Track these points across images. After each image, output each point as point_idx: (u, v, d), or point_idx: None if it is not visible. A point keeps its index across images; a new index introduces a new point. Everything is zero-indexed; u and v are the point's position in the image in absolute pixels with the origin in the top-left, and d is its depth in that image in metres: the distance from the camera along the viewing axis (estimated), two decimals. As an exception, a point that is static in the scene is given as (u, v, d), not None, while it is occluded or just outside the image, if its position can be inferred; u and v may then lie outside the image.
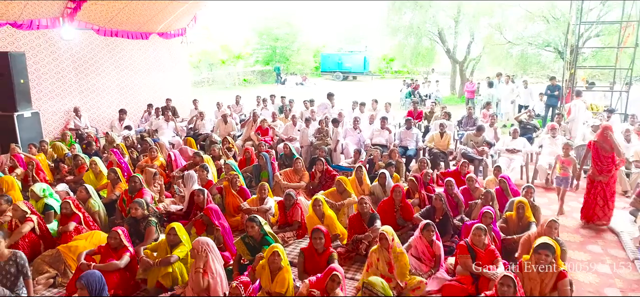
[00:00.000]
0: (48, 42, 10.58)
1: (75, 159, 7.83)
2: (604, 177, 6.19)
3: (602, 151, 6.19)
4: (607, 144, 6.12)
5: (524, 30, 16.81)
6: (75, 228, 5.34)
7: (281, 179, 7.30)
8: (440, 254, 4.92)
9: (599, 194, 6.27)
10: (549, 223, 4.71)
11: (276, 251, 4.22)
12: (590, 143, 6.40)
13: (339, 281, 3.90)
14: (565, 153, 7.02)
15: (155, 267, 4.49)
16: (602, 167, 6.21)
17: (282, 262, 4.21)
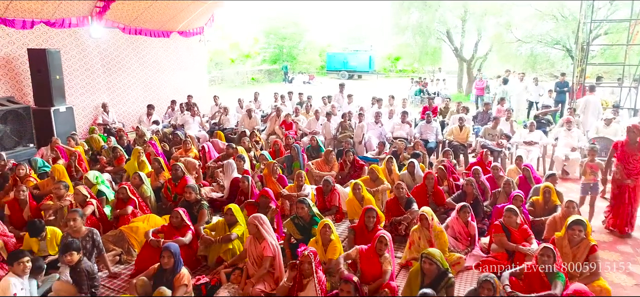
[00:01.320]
0: (77, 40, 10.95)
1: (114, 151, 8.21)
2: (632, 181, 5.79)
3: (629, 152, 5.80)
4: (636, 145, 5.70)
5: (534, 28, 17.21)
6: (132, 211, 5.73)
7: (313, 168, 7.69)
8: (475, 234, 5.32)
9: (627, 199, 5.84)
10: (567, 203, 5.17)
11: (327, 225, 4.64)
12: (615, 144, 6.06)
13: (386, 242, 4.31)
14: (591, 158, 6.55)
15: (216, 244, 4.89)
16: (630, 169, 5.80)
17: (332, 236, 4.61)
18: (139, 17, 12.17)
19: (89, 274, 4.24)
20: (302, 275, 3.93)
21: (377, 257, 4.39)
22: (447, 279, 3.87)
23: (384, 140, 9.28)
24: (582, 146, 8.75)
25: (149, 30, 12.97)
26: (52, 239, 4.96)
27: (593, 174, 6.44)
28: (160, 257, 3.95)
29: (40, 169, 7.49)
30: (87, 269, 4.25)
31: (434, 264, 3.82)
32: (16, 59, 9.54)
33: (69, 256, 4.07)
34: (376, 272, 4.36)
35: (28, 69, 9.51)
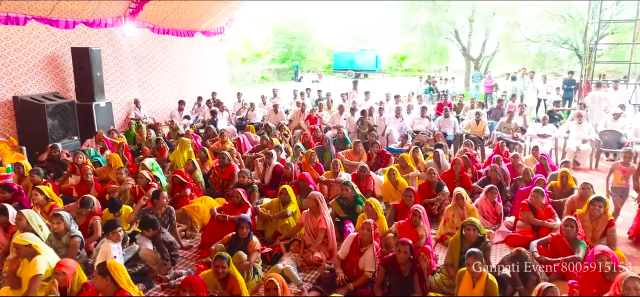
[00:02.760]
0: (112, 40, 11.55)
1: (158, 142, 8.84)
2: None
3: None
4: None
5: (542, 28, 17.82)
6: (190, 194, 6.35)
7: (343, 157, 8.30)
8: (501, 213, 5.93)
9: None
10: (583, 185, 5.76)
11: (372, 204, 5.25)
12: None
13: (420, 214, 4.92)
14: (625, 161, 6.18)
15: (273, 220, 5.50)
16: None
17: (379, 213, 5.23)
18: (167, 17, 12.79)
19: (169, 243, 4.86)
20: (361, 244, 4.53)
21: (414, 228, 4.99)
22: (485, 243, 4.48)
23: (405, 133, 9.88)
24: (592, 139, 9.37)
25: (175, 29, 13.59)
26: (125, 215, 5.57)
27: (625, 179, 6.10)
28: (238, 228, 4.57)
29: (93, 158, 8.09)
30: (166, 239, 4.87)
31: (475, 230, 4.42)
32: (60, 57, 10.15)
33: (150, 231, 4.71)
34: (413, 238, 4.95)
35: (71, 66, 10.11)
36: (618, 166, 6.26)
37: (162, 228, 4.94)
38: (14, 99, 9.09)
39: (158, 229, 4.81)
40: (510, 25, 18.99)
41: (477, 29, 22.01)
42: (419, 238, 4.89)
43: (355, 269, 4.45)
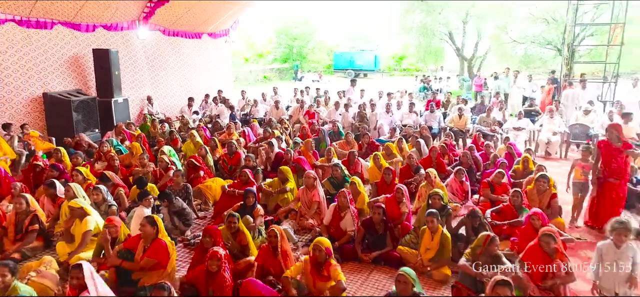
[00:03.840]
0: (127, 41, 12.61)
1: (171, 134, 9.89)
2: (616, 179, 5.91)
3: (612, 152, 5.88)
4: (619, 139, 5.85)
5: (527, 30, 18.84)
6: (204, 176, 7.41)
7: (337, 147, 9.34)
8: (468, 191, 6.98)
9: (608, 197, 5.97)
10: (538, 167, 6.78)
11: (355, 181, 6.30)
12: (599, 142, 6.16)
13: (402, 192, 5.94)
14: (584, 158, 6.48)
15: (274, 194, 6.57)
16: (613, 168, 5.90)
17: (360, 188, 6.28)
18: (177, 20, 13.86)
19: (180, 211, 5.91)
20: (340, 209, 5.58)
21: (397, 203, 6.02)
22: (446, 209, 5.52)
23: (394, 126, 10.92)
24: (562, 131, 10.40)
25: (184, 32, 14.65)
26: (150, 191, 6.62)
27: (584, 174, 6.42)
28: (246, 198, 5.65)
29: (115, 147, 9.15)
30: (177, 208, 5.92)
31: (440, 199, 5.47)
32: (82, 57, 11.23)
33: (165, 202, 5.79)
34: (396, 214, 5.99)
35: (92, 66, 11.18)
36: (578, 163, 6.55)
37: (175, 198, 5.97)
38: (44, 95, 10.19)
39: (171, 201, 5.86)
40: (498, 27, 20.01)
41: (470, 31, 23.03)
42: (401, 214, 5.92)
43: (339, 230, 5.50)
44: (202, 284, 3.98)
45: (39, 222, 5.34)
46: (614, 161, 5.88)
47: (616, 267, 3.71)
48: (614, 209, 5.90)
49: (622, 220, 3.84)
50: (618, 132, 5.91)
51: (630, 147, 5.92)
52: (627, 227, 3.74)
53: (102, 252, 4.71)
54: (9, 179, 6.72)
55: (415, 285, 3.64)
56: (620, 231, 3.73)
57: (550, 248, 4.31)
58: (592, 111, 10.96)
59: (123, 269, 4.38)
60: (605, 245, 3.83)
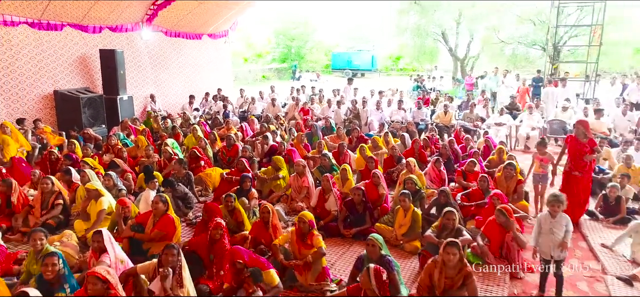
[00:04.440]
0: (131, 42, 13.29)
1: (174, 129, 10.58)
2: (579, 173, 6.16)
3: (578, 146, 6.12)
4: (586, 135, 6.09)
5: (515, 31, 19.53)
6: (204, 165, 8.09)
7: (328, 141, 10.02)
8: (445, 178, 7.65)
9: (573, 190, 6.18)
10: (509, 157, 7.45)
11: (345, 168, 6.98)
12: (567, 138, 6.44)
13: (378, 176, 6.63)
14: (540, 151, 6.86)
15: (268, 181, 7.25)
16: (578, 162, 6.14)
17: (348, 175, 6.97)
18: (179, 22, 14.54)
19: (182, 196, 6.60)
20: (325, 192, 6.27)
21: (375, 186, 6.71)
22: (420, 193, 6.21)
23: (383, 122, 11.61)
24: (540, 126, 11.08)
25: (185, 33, 15.33)
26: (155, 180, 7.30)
27: (542, 167, 6.78)
28: (242, 182, 6.33)
29: (122, 141, 9.82)
30: (183, 191, 6.60)
31: (414, 183, 6.16)
32: (89, 57, 11.91)
33: (169, 189, 6.47)
34: (376, 197, 6.66)
35: (99, 65, 11.86)
36: (536, 156, 6.87)
37: (178, 185, 6.65)
38: (55, 92, 10.87)
39: (174, 187, 6.54)
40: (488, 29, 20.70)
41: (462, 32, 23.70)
42: (380, 196, 6.60)
43: (324, 211, 6.18)
44: (203, 250, 4.66)
45: (63, 199, 6.03)
46: (580, 156, 6.09)
47: (551, 234, 4.36)
48: (576, 200, 6.15)
49: (556, 194, 4.49)
50: (584, 128, 6.12)
51: (595, 144, 6.18)
52: (559, 199, 4.40)
53: (115, 228, 5.39)
54: (28, 168, 7.40)
55: (383, 248, 4.32)
56: (554, 203, 4.39)
57: (502, 221, 5.01)
58: (569, 108, 11.66)
59: (135, 241, 5.06)
60: (543, 216, 4.47)
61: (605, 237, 5.90)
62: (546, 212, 4.45)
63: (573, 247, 5.60)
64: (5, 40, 9.89)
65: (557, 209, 4.35)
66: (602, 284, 4.81)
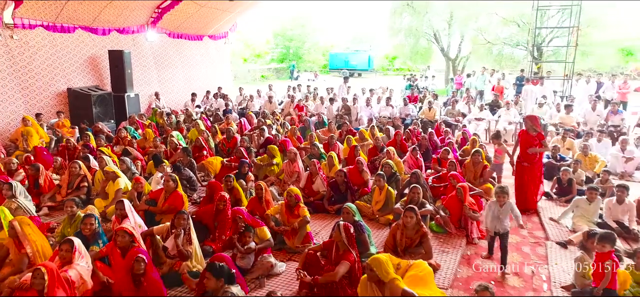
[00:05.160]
0: (137, 43, 14.19)
1: (178, 123, 11.48)
2: (528, 164, 6.73)
3: (527, 139, 6.70)
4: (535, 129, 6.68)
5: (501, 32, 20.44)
6: (206, 155, 9.00)
7: (319, 133, 10.93)
8: (421, 165, 8.54)
9: (523, 179, 6.77)
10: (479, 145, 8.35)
11: (331, 155, 7.89)
12: (520, 131, 6.99)
13: (361, 162, 7.53)
14: (496, 143, 7.77)
15: (264, 167, 8.15)
16: (526, 154, 6.71)
17: (335, 162, 7.87)
18: (181, 24, 15.44)
19: (187, 179, 7.50)
20: (312, 176, 7.17)
21: (359, 172, 7.60)
22: (396, 176, 7.11)
23: (372, 117, 12.51)
24: (516, 121, 11.98)
25: (187, 34, 16.24)
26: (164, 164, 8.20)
27: (497, 157, 7.84)
28: (241, 166, 7.23)
29: (131, 134, 10.72)
30: (188, 175, 7.50)
31: (390, 168, 7.06)
32: (98, 57, 12.81)
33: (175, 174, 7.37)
34: (360, 181, 7.54)
35: (107, 65, 12.75)
36: (495, 148, 7.87)
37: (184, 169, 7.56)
38: (68, 90, 11.77)
39: (180, 171, 7.44)
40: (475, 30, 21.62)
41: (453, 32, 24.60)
42: (363, 180, 7.50)
43: (312, 191, 7.09)
44: (209, 219, 5.56)
45: (87, 181, 6.94)
46: (529, 148, 6.66)
47: (498, 219, 5.04)
48: (526, 188, 6.77)
49: (502, 186, 5.14)
50: (532, 123, 6.76)
51: (543, 137, 6.77)
52: (504, 191, 5.01)
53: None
54: (49, 156, 8.31)
55: (356, 215, 5.22)
56: (499, 194, 5.03)
57: (461, 196, 5.92)
58: (545, 104, 12.57)
59: (149, 213, 5.96)
60: (492, 202, 5.17)
61: (556, 213, 6.78)
62: (494, 200, 5.18)
63: (526, 221, 6.47)
64: (23, 42, 10.78)
65: (502, 199, 5.04)
66: (543, 248, 5.71)
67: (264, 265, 4.83)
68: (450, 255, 5.43)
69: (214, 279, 3.63)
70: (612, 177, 8.31)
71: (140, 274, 3.78)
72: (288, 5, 38.21)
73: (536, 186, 6.87)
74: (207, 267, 3.72)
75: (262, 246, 4.95)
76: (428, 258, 4.83)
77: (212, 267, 3.68)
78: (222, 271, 3.71)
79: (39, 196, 6.93)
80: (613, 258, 4.11)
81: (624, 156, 8.74)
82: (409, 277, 4.34)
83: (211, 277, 3.64)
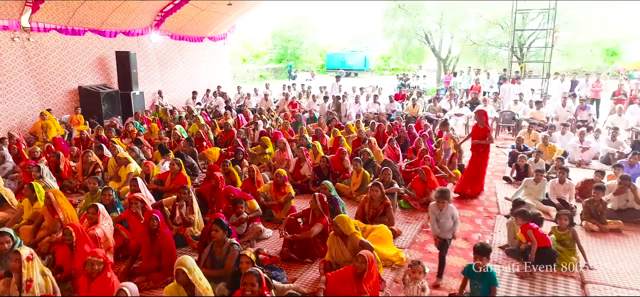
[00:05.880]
0: (141, 45, 15.17)
1: (180, 119, 12.47)
2: (477, 153, 7.50)
3: (477, 131, 7.49)
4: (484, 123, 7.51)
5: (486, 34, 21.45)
6: (206, 146, 10.00)
7: (309, 127, 11.91)
8: (399, 155, 9.54)
9: (472, 167, 7.60)
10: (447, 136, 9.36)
11: (315, 145, 8.88)
12: (474, 125, 7.66)
13: (344, 152, 8.50)
14: (444, 130, 9.05)
15: (257, 156, 9.16)
16: (475, 145, 7.51)
17: (319, 150, 8.87)
18: (182, 27, 16.43)
19: (190, 165, 8.49)
20: (300, 162, 8.16)
21: (340, 160, 8.59)
22: (373, 162, 8.11)
23: (360, 113, 13.51)
24: (493, 117, 12.98)
25: (188, 36, 17.23)
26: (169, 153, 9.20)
27: (445, 143, 8.73)
28: (236, 154, 8.22)
29: (137, 128, 11.71)
30: (190, 162, 8.50)
31: (368, 154, 8.06)
32: (106, 58, 13.80)
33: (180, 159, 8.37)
34: (341, 168, 8.52)
35: (114, 65, 13.73)
36: (444, 135, 8.96)
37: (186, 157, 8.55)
38: (79, 88, 12.77)
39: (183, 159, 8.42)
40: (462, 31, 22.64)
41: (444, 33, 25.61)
42: (344, 168, 8.49)
43: (299, 175, 8.09)
44: (207, 195, 6.56)
45: (100, 166, 7.94)
46: (478, 139, 7.44)
47: (437, 223, 4.86)
48: (474, 174, 7.59)
49: (442, 190, 4.93)
50: (479, 117, 7.56)
51: (489, 131, 7.58)
52: (444, 196, 4.82)
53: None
54: (66, 145, 9.31)
55: (332, 191, 6.21)
56: (438, 198, 4.84)
57: (423, 177, 6.92)
58: (520, 102, 13.57)
59: (157, 192, 6.95)
60: (433, 206, 4.97)
61: (512, 193, 7.78)
62: (434, 203, 4.97)
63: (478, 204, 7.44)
64: (38, 44, 11.78)
65: (441, 204, 4.83)
66: (493, 220, 6.70)
67: (254, 230, 5.82)
68: (412, 225, 6.43)
69: (222, 230, 4.60)
70: (570, 164, 9.36)
71: (155, 229, 4.76)
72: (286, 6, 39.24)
73: (482, 174, 7.72)
74: (215, 221, 4.67)
75: (252, 215, 5.94)
76: (390, 225, 5.84)
77: (219, 221, 4.66)
78: (226, 225, 4.69)
79: (60, 180, 7.91)
80: (531, 226, 5.07)
81: (581, 146, 9.73)
82: (371, 236, 5.36)
83: (219, 229, 4.61)
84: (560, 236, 5.36)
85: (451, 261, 5.35)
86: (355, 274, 4.03)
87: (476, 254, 4.26)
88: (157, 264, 4.76)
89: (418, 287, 4.25)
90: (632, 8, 24.77)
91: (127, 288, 3.54)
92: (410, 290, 4.26)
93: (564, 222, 5.33)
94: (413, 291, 4.24)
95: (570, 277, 4.92)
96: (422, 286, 4.26)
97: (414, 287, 4.25)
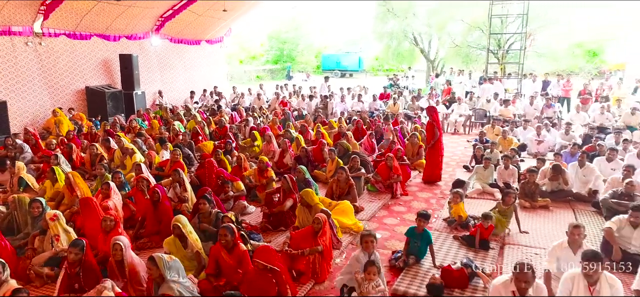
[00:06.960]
0: (142, 48, 16.29)
1: (178, 117, 13.60)
2: (431, 145, 8.64)
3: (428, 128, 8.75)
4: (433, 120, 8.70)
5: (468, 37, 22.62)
6: (202, 139, 11.13)
7: (296, 123, 13.05)
8: (374, 147, 10.68)
9: (431, 158, 8.70)
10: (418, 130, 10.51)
11: (298, 137, 10.02)
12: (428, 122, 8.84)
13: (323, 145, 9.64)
14: (386, 123, 11.58)
15: (247, 148, 10.30)
16: (428, 140, 8.73)
17: (301, 142, 10.01)
18: (181, 31, 17.56)
19: (187, 155, 9.62)
20: (283, 151, 9.29)
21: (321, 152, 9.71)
22: (349, 153, 9.25)
23: (345, 111, 14.65)
24: (466, 114, 14.12)
25: (187, 39, 18.35)
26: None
27: (386, 134, 10.87)
28: (226, 145, 9.35)
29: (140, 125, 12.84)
30: (187, 153, 9.63)
31: (343, 148, 9.19)
32: (110, 60, 14.94)
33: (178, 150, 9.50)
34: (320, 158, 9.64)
35: (118, 66, 14.85)
36: (384, 127, 10.84)
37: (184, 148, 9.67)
38: (86, 88, 13.90)
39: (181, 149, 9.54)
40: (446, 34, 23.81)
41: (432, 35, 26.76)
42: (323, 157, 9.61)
43: (283, 164, 9.23)
44: (201, 177, 7.69)
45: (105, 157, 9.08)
46: (429, 135, 8.66)
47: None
48: (431, 165, 8.74)
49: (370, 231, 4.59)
50: (429, 113, 9.01)
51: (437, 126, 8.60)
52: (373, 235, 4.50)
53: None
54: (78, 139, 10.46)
55: (305, 174, 7.34)
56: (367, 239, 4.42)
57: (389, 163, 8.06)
58: (493, 100, 14.71)
59: (158, 177, 8.08)
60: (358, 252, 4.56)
61: (468, 179, 8.91)
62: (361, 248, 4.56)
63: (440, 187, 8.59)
64: (49, 48, 12.91)
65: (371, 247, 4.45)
66: (445, 199, 7.83)
67: (239, 206, 6.96)
68: (375, 203, 7.56)
69: (207, 203, 5.73)
70: (527, 156, 10.54)
71: (157, 200, 5.89)
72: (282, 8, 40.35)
73: (439, 161, 8.77)
74: (201, 196, 5.80)
75: (238, 194, 7.09)
76: (353, 202, 6.97)
77: (204, 196, 5.78)
78: (210, 199, 5.81)
79: (72, 168, 9.03)
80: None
81: (537, 140, 10.86)
82: (336, 209, 6.50)
83: (205, 202, 5.73)
84: (504, 210, 6.39)
85: (400, 230, 6.47)
86: (312, 232, 5.16)
87: (418, 218, 5.39)
88: (158, 229, 5.89)
89: (372, 286, 4.17)
90: (613, 10, 26.00)
91: (120, 240, 4.57)
92: (366, 289, 4.16)
93: (511, 199, 6.36)
94: (368, 290, 4.15)
95: (495, 241, 6.04)
96: (376, 284, 4.19)
97: (368, 286, 4.16)
